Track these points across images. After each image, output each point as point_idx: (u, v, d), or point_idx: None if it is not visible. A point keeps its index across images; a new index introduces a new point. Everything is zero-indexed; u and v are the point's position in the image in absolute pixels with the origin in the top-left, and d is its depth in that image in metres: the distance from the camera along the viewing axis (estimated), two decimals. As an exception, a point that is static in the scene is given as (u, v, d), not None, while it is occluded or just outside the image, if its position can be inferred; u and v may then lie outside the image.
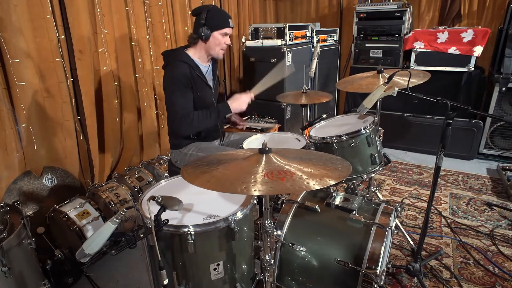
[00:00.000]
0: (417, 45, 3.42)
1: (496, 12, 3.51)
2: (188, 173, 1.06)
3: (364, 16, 3.72)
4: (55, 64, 2.05)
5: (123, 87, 2.55)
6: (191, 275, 1.23)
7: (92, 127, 2.34)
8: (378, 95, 1.63)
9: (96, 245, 1.02)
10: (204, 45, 1.86)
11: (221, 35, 1.83)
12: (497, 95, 3.09)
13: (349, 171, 1.03)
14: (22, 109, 1.95)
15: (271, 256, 1.23)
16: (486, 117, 3.26)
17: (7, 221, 1.40)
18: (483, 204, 2.58)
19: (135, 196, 2.21)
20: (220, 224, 1.18)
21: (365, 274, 1.24)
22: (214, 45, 1.85)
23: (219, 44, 1.85)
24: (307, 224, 1.46)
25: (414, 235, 2.21)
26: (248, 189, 0.90)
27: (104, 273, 2.00)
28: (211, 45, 1.85)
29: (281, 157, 1.06)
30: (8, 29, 1.83)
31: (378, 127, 1.99)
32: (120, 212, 1.06)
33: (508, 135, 3.18)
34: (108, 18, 2.34)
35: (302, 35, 3.50)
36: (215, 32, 1.82)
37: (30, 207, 1.99)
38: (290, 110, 3.42)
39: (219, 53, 1.89)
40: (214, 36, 1.82)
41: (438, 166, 1.56)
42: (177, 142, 1.96)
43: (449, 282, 1.82)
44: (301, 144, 1.93)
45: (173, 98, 1.79)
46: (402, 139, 3.61)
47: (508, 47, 3.05)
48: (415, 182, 2.99)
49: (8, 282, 1.29)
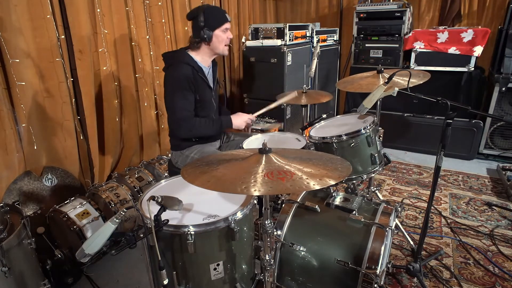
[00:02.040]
0: (417, 45, 3.42)
1: (496, 12, 3.51)
2: (188, 173, 1.06)
3: (364, 16, 3.72)
4: (55, 64, 2.05)
5: (123, 87, 2.55)
6: (191, 275, 1.23)
7: (92, 127, 2.34)
8: (378, 95, 1.63)
9: (96, 245, 1.02)
10: (208, 46, 1.86)
11: (222, 31, 1.84)
12: (497, 95, 3.09)
13: (349, 171, 1.03)
14: (22, 109, 1.95)
15: (271, 256, 1.23)
16: (486, 117, 3.26)
17: (7, 221, 1.40)
18: (483, 204, 2.58)
19: (135, 196, 2.21)
20: (220, 224, 1.18)
21: (365, 274, 1.24)
22: (218, 43, 1.85)
23: (222, 40, 1.86)
24: (307, 224, 1.46)
25: (414, 235, 2.21)
26: (248, 189, 0.90)
27: (104, 273, 2.00)
28: (215, 44, 1.85)
29: (281, 157, 1.06)
30: (8, 29, 1.83)
31: (378, 127, 1.99)
32: (120, 212, 1.06)
33: (508, 135, 3.18)
34: (108, 18, 2.34)
35: (302, 35, 3.50)
36: (216, 31, 1.82)
37: (30, 207, 1.99)
38: (290, 110, 3.42)
39: (224, 50, 1.90)
40: (216, 35, 1.83)
41: (438, 166, 1.56)
42: (178, 143, 1.96)
43: (449, 282, 1.82)
44: (301, 144, 1.93)
45: (174, 100, 1.78)
46: (402, 139, 3.61)
47: (508, 47, 3.05)
48: (415, 182, 2.99)
49: (8, 282, 1.29)
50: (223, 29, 1.84)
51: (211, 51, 1.88)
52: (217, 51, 1.88)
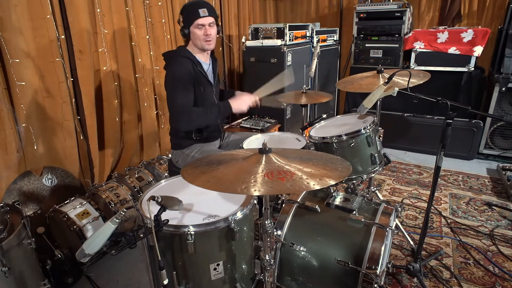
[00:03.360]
0: (417, 45, 3.43)
1: (496, 12, 3.51)
2: (188, 173, 1.06)
3: (364, 16, 3.72)
4: (55, 64, 2.05)
5: (123, 87, 2.55)
6: (191, 275, 1.23)
7: (92, 127, 2.34)
8: (378, 95, 1.63)
9: (96, 245, 1.02)
10: (191, 42, 1.88)
11: (197, 28, 1.80)
12: (497, 95, 3.09)
13: (349, 171, 1.03)
14: (22, 109, 1.95)
15: (271, 256, 1.22)
16: (486, 117, 3.26)
17: (7, 221, 1.40)
18: (483, 204, 2.58)
19: (135, 196, 2.21)
20: (220, 224, 1.18)
21: (365, 274, 1.24)
22: (195, 40, 1.84)
23: (198, 37, 1.82)
24: (307, 224, 1.46)
25: (414, 235, 2.21)
26: (248, 189, 0.90)
27: (104, 273, 2.00)
28: (194, 41, 1.86)
29: (281, 157, 1.06)
30: (8, 29, 1.83)
31: (378, 127, 1.99)
32: (120, 212, 1.06)
33: (508, 135, 3.18)
34: (108, 18, 2.34)
35: (302, 35, 3.50)
36: (191, 28, 1.82)
37: (30, 207, 1.99)
38: (290, 110, 3.42)
39: (203, 45, 1.85)
40: (191, 32, 1.83)
41: (438, 166, 1.56)
42: (178, 142, 1.96)
43: (449, 282, 1.82)
44: (301, 144, 1.93)
45: (175, 93, 1.79)
46: (402, 139, 3.61)
47: (508, 47, 3.05)
48: (415, 182, 2.99)
49: (8, 282, 1.29)
50: (196, 26, 1.79)
51: (196, 46, 1.88)
52: (198, 47, 1.87)
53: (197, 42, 1.84)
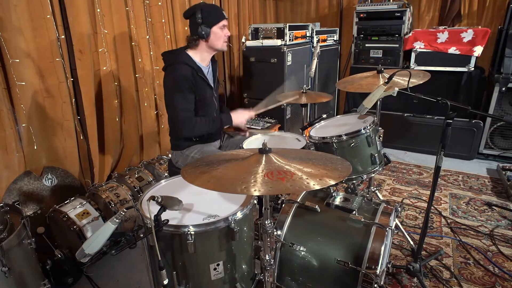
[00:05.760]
0: (417, 45, 3.42)
1: (496, 12, 3.51)
2: (188, 173, 1.06)
3: (364, 16, 3.72)
4: (55, 64, 2.05)
5: (123, 87, 2.55)
6: (191, 275, 1.23)
7: (92, 127, 2.34)
8: (378, 95, 1.63)
9: (96, 245, 1.02)
10: (206, 43, 1.87)
11: (219, 28, 1.85)
12: (497, 95, 3.09)
13: (349, 171, 1.03)
14: (22, 109, 1.95)
15: (271, 256, 1.22)
16: (486, 117, 3.26)
17: (7, 221, 1.40)
18: (483, 204, 2.58)
19: (135, 196, 2.21)
20: (220, 224, 1.18)
21: (365, 274, 1.24)
22: (216, 40, 1.86)
23: (220, 37, 1.86)
24: (307, 224, 1.46)
25: (414, 235, 2.21)
26: (248, 189, 0.90)
27: (104, 273, 2.00)
28: (213, 41, 1.86)
29: (281, 157, 1.06)
30: (8, 29, 1.83)
31: (378, 127, 1.99)
32: (120, 212, 1.06)
33: (508, 135, 3.18)
34: (108, 18, 2.34)
35: (302, 35, 3.50)
36: (214, 27, 1.83)
37: (30, 207, 1.99)
38: (290, 110, 3.42)
39: (223, 46, 1.91)
40: (213, 32, 1.84)
41: (438, 166, 1.56)
42: (178, 143, 1.96)
43: (449, 282, 1.82)
44: (301, 144, 1.93)
45: (175, 100, 1.79)
46: (402, 139, 3.61)
47: (508, 47, 3.05)
48: (415, 182, 2.99)
49: (8, 282, 1.29)
50: (221, 26, 1.85)
51: (210, 48, 1.89)
52: (216, 48, 1.89)
53: (217, 42, 1.86)
